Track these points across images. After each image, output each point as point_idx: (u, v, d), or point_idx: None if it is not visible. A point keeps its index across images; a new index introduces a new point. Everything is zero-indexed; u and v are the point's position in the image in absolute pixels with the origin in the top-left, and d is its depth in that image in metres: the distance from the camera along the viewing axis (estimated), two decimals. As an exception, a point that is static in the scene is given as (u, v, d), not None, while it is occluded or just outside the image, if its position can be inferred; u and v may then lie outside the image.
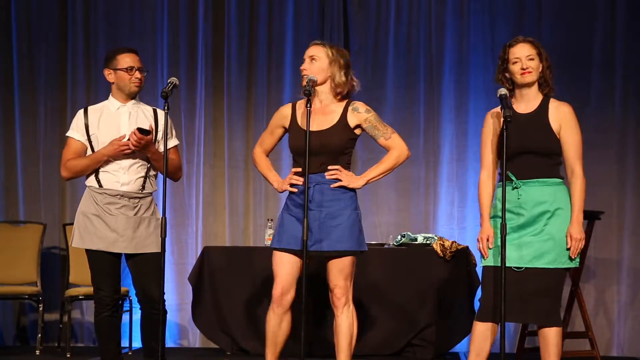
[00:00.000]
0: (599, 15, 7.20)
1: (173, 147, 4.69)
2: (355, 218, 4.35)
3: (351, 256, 4.32)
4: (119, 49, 4.70)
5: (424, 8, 7.38)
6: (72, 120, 4.69)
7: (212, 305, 6.43)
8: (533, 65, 4.23)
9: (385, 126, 4.43)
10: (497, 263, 4.17)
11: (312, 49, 4.40)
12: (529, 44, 4.26)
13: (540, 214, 4.18)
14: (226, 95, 7.44)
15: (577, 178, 4.21)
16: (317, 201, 4.28)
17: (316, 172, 4.30)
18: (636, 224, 7.06)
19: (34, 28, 7.48)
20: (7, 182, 7.42)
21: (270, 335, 4.39)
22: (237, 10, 7.48)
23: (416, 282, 6.33)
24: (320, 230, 4.28)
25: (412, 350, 6.38)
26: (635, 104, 7.15)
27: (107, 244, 4.52)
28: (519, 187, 4.20)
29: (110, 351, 4.62)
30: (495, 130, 4.28)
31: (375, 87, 7.36)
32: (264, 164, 4.56)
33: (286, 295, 4.35)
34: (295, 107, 4.46)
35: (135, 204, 4.56)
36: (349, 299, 4.33)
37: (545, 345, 4.20)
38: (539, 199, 4.18)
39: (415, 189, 7.32)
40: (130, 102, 4.65)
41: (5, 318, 7.30)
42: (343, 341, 4.31)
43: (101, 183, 4.57)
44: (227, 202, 7.37)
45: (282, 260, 4.35)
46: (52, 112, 7.46)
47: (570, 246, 4.16)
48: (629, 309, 6.99)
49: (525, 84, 4.26)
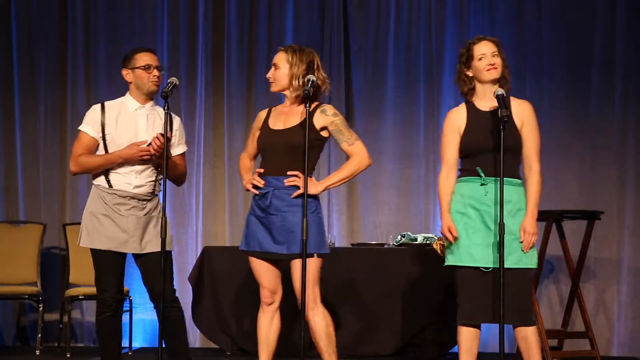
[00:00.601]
0: (599, 15, 7.20)
1: (181, 153, 4.67)
2: (318, 223, 4.34)
3: (314, 260, 4.30)
4: (136, 49, 4.68)
5: (424, 8, 7.38)
6: (86, 114, 4.61)
7: (212, 305, 6.43)
8: (498, 61, 4.26)
9: (351, 132, 4.40)
10: (468, 263, 4.19)
11: (276, 56, 4.44)
12: (491, 42, 4.31)
13: (505, 212, 4.17)
14: (226, 95, 7.44)
15: (534, 174, 4.23)
16: (275, 206, 4.30)
17: (276, 175, 4.31)
18: (636, 224, 7.06)
19: (34, 28, 7.48)
20: (7, 182, 7.42)
21: (263, 336, 4.43)
22: (237, 10, 7.48)
23: (416, 282, 6.33)
24: (279, 234, 4.30)
25: (412, 350, 6.38)
26: (635, 104, 7.15)
27: (117, 244, 4.49)
28: (487, 184, 4.20)
29: (110, 351, 4.60)
30: (458, 128, 4.29)
31: (375, 87, 7.37)
32: (243, 166, 4.59)
33: (275, 295, 4.41)
34: (271, 110, 4.51)
35: (143, 205, 4.55)
36: (317, 300, 4.31)
37: (526, 345, 4.20)
38: (505, 198, 4.17)
39: (415, 188, 7.32)
40: (149, 104, 4.61)
41: (5, 318, 7.31)
42: (323, 342, 4.31)
43: (111, 184, 4.52)
44: (227, 202, 7.37)
45: (259, 263, 4.41)
46: (52, 112, 7.47)
47: (523, 239, 4.17)
48: (629, 309, 6.99)
49: (490, 80, 4.27)
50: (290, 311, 4.70)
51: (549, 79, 7.24)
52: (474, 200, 4.21)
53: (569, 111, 7.21)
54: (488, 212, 4.19)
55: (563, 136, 7.18)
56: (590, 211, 6.23)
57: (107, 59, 7.48)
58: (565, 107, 7.21)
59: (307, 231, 4.19)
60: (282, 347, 4.62)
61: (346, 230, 7.34)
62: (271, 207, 4.30)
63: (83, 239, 4.55)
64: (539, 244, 6.37)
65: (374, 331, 6.34)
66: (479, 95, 4.33)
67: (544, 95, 7.23)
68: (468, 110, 4.31)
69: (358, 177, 7.18)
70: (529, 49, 7.28)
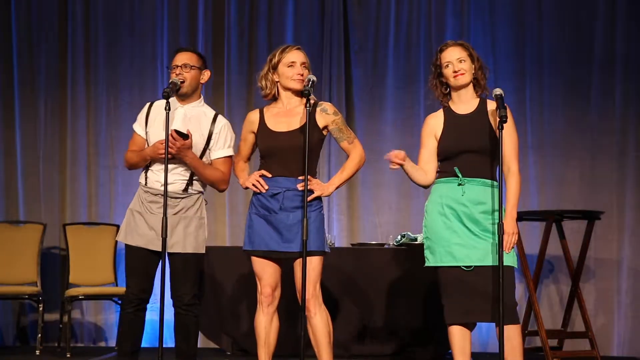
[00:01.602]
0: (599, 15, 7.21)
1: (221, 157, 4.61)
2: (321, 220, 4.41)
3: (318, 257, 4.34)
4: (177, 49, 4.74)
5: (424, 8, 7.39)
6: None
7: (212, 305, 6.43)
8: (465, 67, 4.27)
9: (349, 130, 4.49)
10: (449, 263, 4.21)
11: (303, 54, 4.45)
12: (459, 47, 4.32)
13: (481, 213, 4.20)
14: (226, 95, 7.45)
15: (513, 175, 4.23)
16: (286, 207, 4.34)
17: (287, 176, 4.36)
18: (636, 224, 7.06)
19: (34, 28, 7.49)
20: (7, 182, 7.42)
21: (263, 336, 4.45)
22: (237, 10, 7.48)
23: (416, 282, 6.33)
24: (289, 232, 4.33)
25: (412, 350, 6.38)
26: (635, 104, 7.15)
27: (145, 242, 4.52)
28: (464, 184, 4.22)
29: (125, 347, 4.62)
30: (435, 132, 4.33)
31: (375, 87, 7.37)
32: (239, 168, 4.63)
33: (274, 294, 4.43)
34: (264, 111, 4.50)
35: (175, 203, 4.54)
36: (319, 299, 4.35)
37: (509, 342, 4.17)
38: (480, 199, 4.21)
39: (415, 188, 7.28)
40: (191, 104, 4.59)
41: (5, 318, 7.31)
42: (323, 340, 4.34)
43: (147, 181, 4.58)
44: (227, 202, 7.37)
45: (262, 261, 4.42)
46: (52, 112, 7.47)
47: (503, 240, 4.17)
48: (629, 309, 6.99)
49: (459, 85, 4.30)
50: (291, 311, 4.70)
51: (549, 79, 7.24)
52: (452, 200, 4.24)
53: (569, 111, 7.21)
54: (465, 212, 4.21)
55: (563, 136, 7.19)
56: (590, 211, 6.23)
57: (107, 59, 7.48)
58: (565, 107, 7.22)
59: (307, 231, 4.22)
60: (283, 346, 4.62)
61: (346, 230, 7.34)
62: (283, 207, 4.33)
63: (120, 234, 4.62)
64: (538, 244, 6.38)
65: (373, 331, 6.35)
66: (454, 100, 4.37)
67: (544, 95, 7.23)
68: (445, 115, 4.36)
69: (358, 177, 7.26)
70: (528, 49, 7.28)
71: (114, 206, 7.36)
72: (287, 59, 4.41)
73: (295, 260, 4.37)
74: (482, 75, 4.34)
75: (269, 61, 4.46)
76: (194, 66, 4.58)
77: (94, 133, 7.46)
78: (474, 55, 4.33)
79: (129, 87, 7.47)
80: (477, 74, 4.32)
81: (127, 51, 7.51)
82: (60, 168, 7.43)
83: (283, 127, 4.39)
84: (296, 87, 4.39)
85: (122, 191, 7.35)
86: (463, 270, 4.20)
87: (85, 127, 7.46)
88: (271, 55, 4.47)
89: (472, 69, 4.30)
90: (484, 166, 4.22)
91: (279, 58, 4.43)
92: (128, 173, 7.29)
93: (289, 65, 4.39)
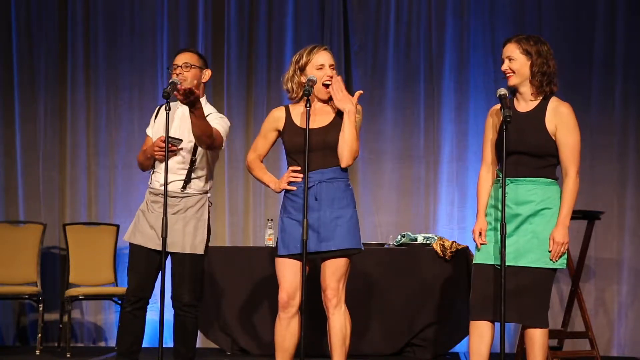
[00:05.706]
0: (599, 16, 7.20)
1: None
2: (356, 217, 4.34)
3: (346, 258, 4.28)
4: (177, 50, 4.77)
5: (424, 8, 7.38)
6: None
7: (212, 305, 6.43)
8: (514, 66, 4.14)
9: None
10: (485, 260, 4.16)
11: (330, 56, 4.38)
12: (514, 44, 4.16)
13: (526, 212, 4.13)
14: (226, 95, 7.44)
15: (568, 180, 4.12)
16: (320, 200, 4.26)
17: (317, 169, 4.27)
18: (636, 224, 7.06)
19: (34, 28, 7.48)
20: (7, 182, 7.42)
21: (279, 341, 4.34)
22: (237, 10, 7.48)
23: (416, 282, 6.33)
24: (326, 230, 4.25)
25: (412, 350, 6.38)
26: (635, 104, 7.15)
27: (145, 240, 4.56)
28: (507, 185, 4.15)
29: (123, 346, 4.63)
30: (495, 126, 4.24)
31: (375, 87, 7.37)
32: (259, 168, 4.49)
33: (292, 300, 4.31)
34: (289, 108, 4.43)
35: (176, 203, 4.55)
36: (341, 300, 4.29)
37: (531, 346, 4.12)
38: (526, 198, 4.13)
39: (415, 189, 7.33)
40: None
41: (5, 318, 7.30)
42: (336, 341, 4.27)
43: (151, 181, 4.65)
44: (227, 202, 7.37)
45: (286, 265, 4.31)
46: (52, 112, 7.47)
47: (551, 249, 4.09)
48: (629, 309, 6.99)
49: (510, 85, 4.19)
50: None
51: (549, 79, 7.23)
52: (495, 200, 4.20)
53: (569, 111, 7.21)
54: (507, 212, 4.12)
55: (563, 136, 7.18)
56: (590, 211, 6.22)
57: (107, 59, 7.48)
58: (565, 107, 7.21)
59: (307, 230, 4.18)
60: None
61: (346, 230, 7.33)
62: (318, 200, 4.24)
63: (126, 234, 4.70)
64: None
65: (374, 331, 6.34)
66: (516, 96, 4.23)
67: (544, 95, 7.23)
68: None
69: (358, 177, 7.26)
70: (529, 49, 7.27)
71: (114, 206, 7.36)
72: (315, 60, 4.31)
73: (322, 260, 4.28)
74: (548, 71, 4.15)
75: (295, 62, 4.34)
76: (195, 65, 4.59)
77: (94, 133, 7.45)
78: (532, 52, 4.13)
79: (129, 87, 7.46)
80: (536, 70, 4.14)
81: (127, 51, 7.51)
82: (60, 168, 7.42)
83: (311, 124, 4.28)
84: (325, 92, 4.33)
85: (122, 191, 7.35)
86: (496, 268, 4.11)
87: (85, 127, 7.46)
88: (297, 56, 4.36)
89: (524, 67, 4.14)
90: (534, 166, 4.11)
91: (307, 60, 4.32)
92: (128, 173, 7.31)
93: (318, 68, 4.30)
